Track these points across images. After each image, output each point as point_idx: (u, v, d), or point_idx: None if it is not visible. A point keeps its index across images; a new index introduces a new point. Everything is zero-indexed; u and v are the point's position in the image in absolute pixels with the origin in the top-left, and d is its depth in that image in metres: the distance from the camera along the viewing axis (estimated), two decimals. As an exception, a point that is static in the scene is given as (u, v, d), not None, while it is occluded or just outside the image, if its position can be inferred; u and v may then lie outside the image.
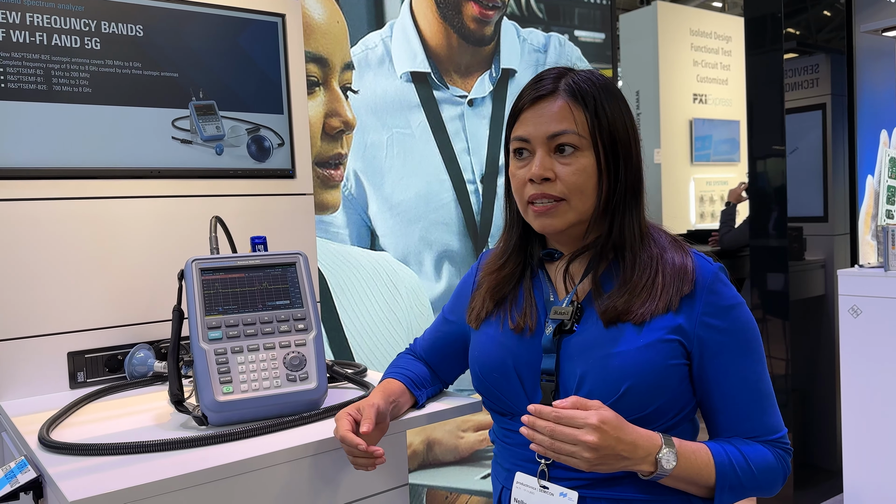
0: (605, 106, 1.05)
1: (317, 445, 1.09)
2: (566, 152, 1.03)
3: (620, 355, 0.99)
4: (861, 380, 2.71)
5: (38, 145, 1.48)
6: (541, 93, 1.06)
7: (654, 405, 1.00)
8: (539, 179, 1.03)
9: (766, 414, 1.05)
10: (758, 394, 1.04)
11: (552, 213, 1.04)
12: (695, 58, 5.65)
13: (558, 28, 2.57)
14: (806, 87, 3.39)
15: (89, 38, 1.53)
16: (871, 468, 2.70)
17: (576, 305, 1.05)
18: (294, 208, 1.83)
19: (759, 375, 1.04)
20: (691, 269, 1.03)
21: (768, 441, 1.04)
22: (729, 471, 0.99)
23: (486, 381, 1.11)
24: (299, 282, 1.26)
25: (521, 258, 1.14)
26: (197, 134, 1.66)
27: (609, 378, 0.99)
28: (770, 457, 1.03)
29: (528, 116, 1.06)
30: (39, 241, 1.48)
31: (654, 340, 1.00)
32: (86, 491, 0.90)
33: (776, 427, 1.05)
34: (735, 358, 1.03)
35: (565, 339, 1.05)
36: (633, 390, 0.98)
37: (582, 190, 1.03)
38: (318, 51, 1.99)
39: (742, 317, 1.04)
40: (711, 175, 5.76)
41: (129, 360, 1.52)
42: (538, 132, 1.04)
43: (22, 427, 1.22)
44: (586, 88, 1.05)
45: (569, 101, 1.04)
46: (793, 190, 3.13)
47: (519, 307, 1.11)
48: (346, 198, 2.08)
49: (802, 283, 3.24)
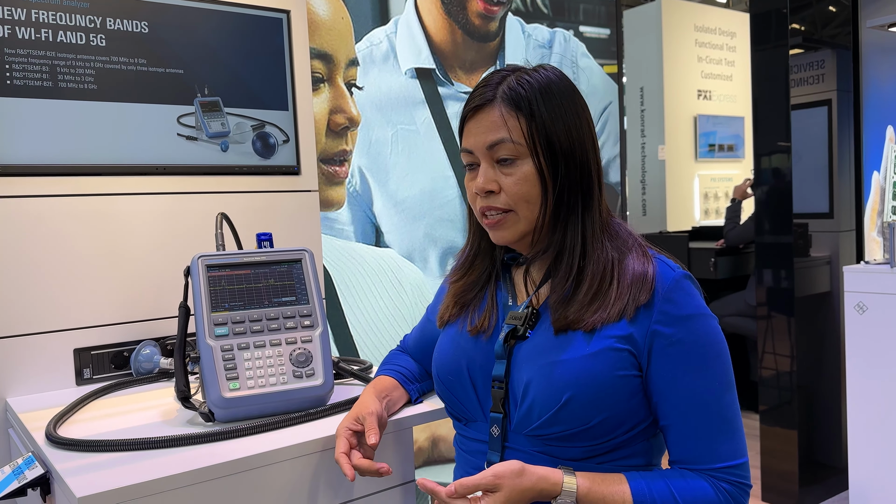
0: (541, 109, 1.00)
1: (323, 442, 1.08)
2: (507, 162, 1.01)
3: (564, 364, 0.95)
4: (867, 376, 2.70)
5: (44, 142, 1.48)
6: (478, 103, 1.03)
7: (599, 417, 0.94)
8: (483, 193, 1.02)
9: (717, 439, 0.95)
10: (709, 415, 0.95)
11: (502, 225, 1.02)
12: (699, 54, 5.63)
13: (563, 24, 2.56)
14: (811, 83, 3.37)
15: (94, 34, 1.53)
16: (877, 465, 2.69)
17: (530, 311, 1.03)
18: (299, 205, 1.83)
19: (716, 396, 0.96)
20: (651, 277, 0.97)
21: (715, 469, 0.95)
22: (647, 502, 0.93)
23: (443, 385, 1.10)
24: (305, 278, 1.26)
25: (489, 261, 1.13)
26: (202, 130, 1.66)
27: (552, 387, 0.95)
28: (709, 493, 0.94)
29: (470, 128, 1.04)
30: (45, 237, 1.48)
31: (601, 349, 0.95)
32: (93, 487, 0.90)
33: (727, 455, 0.95)
34: (686, 372, 0.95)
35: (517, 346, 1.02)
36: (575, 400, 0.94)
37: (527, 199, 1.00)
38: (323, 47, 1.99)
39: (700, 329, 0.96)
40: (716, 171, 5.74)
41: (135, 356, 1.52)
42: (478, 143, 1.02)
43: (29, 423, 1.22)
44: (522, 92, 1.00)
45: (504, 109, 1.00)
46: (798, 186, 3.12)
47: (480, 310, 1.09)
48: (350, 194, 2.07)
49: (808, 279, 3.23)
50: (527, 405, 0.97)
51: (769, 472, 3.21)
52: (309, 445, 1.07)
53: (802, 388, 3.20)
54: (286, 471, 1.06)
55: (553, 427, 0.95)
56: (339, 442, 1.03)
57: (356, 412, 1.08)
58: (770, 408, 3.23)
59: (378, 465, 1.01)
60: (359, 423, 1.05)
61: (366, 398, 1.12)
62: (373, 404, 1.09)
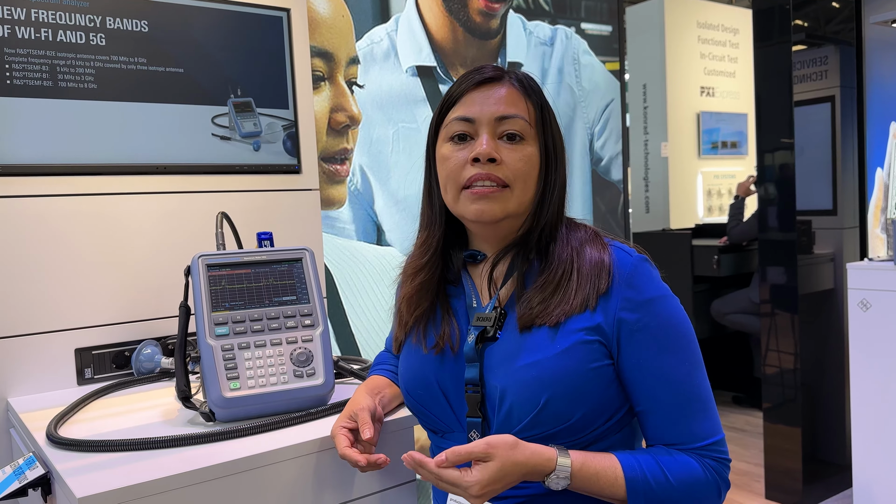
0: (546, 106, 1.04)
1: (324, 441, 1.08)
2: (514, 140, 1.00)
3: (537, 365, 0.94)
4: (870, 374, 2.69)
5: (43, 142, 1.47)
6: (487, 76, 1.02)
7: (579, 413, 0.94)
8: (485, 159, 0.98)
9: (694, 419, 0.95)
10: (682, 396, 0.95)
11: (494, 197, 0.98)
12: (702, 50, 5.61)
13: (565, 21, 2.55)
14: (815, 80, 3.36)
15: (94, 33, 1.53)
16: (881, 462, 2.68)
17: (499, 311, 1.01)
18: (300, 204, 1.82)
19: (686, 376, 0.95)
20: (608, 264, 0.97)
21: (695, 449, 0.95)
22: (642, 486, 0.92)
23: (413, 400, 1.08)
24: (306, 277, 1.26)
25: (440, 263, 1.07)
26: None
27: (528, 391, 0.94)
28: (696, 468, 0.94)
29: (473, 98, 1.01)
30: (45, 237, 1.48)
31: (571, 345, 0.94)
32: (94, 487, 0.90)
33: (705, 433, 0.95)
34: (654, 355, 0.95)
35: (488, 348, 1.00)
36: (553, 401, 0.93)
37: (526, 179, 1.00)
38: (324, 45, 1.98)
39: (664, 311, 0.96)
40: (719, 169, 5.73)
41: (136, 356, 1.52)
42: (485, 112, 1.00)
43: (30, 423, 1.22)
44: (533, 85, 1.04)
45: (518, 90, 1.02)
46: (801, 183, 3.11)
47: (437, 326, 1.06)
48: (351, 193, 2.07)
49: (811, 276, 3.22)
50: (505, 411, 0.96)
51: (773, 469, 3.20)
52: (310, 445, 1.07)
53: (806, 386, 3.19)
54: (287, 470, 1.06)
55: (535, 429, 0.94)
56: (339, 440, 1.02)
57: (349, 410, 1.07)
58: (774, 405, 3.23)
59: (375, 456, 1.00)
60: (352, 421, 1.05)
61: (357, 395, 1.12)
62: (364, 400, 1.09)
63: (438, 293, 1.07)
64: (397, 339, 1.13)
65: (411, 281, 1.09)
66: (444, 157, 1.03)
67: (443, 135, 1.04)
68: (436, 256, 1.07)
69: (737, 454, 3.63)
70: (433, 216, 1.09)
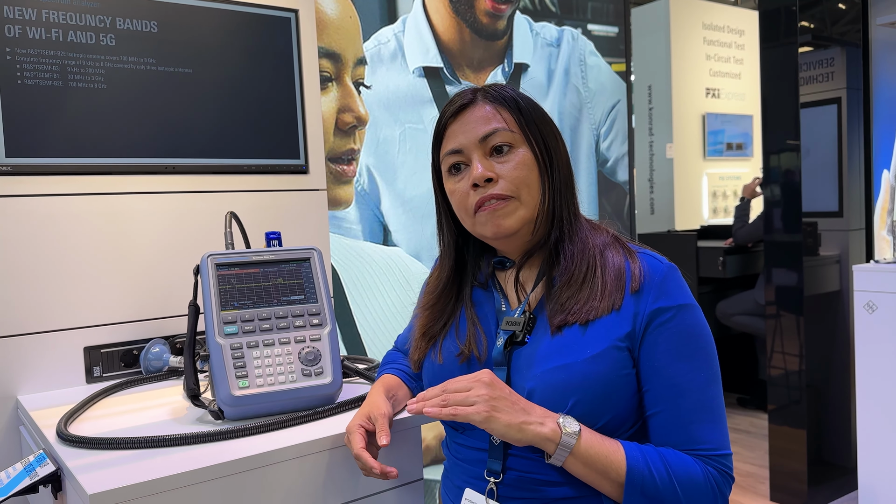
0: (526, 105, 1.06)
1: (332, 440, 1.09)
2: (503, 151, 1.02)
3: (566, 369, 0.95)
4: (876, 376, 2.68)
5: (53, 142, 1.48)
6: (460, 103, 1.05)
7: (605, 419, 0.95)
8: (482, 181, 1.01)
9: (702, 426, 0.94)
10: (693, 403, 0.94)
11: (503, 211, 1.01)
12: (707, 52, 5.60)
13: (571, 22, 2.56)
14: (821, 81, 3.35)
15: (104, 34, 1.54)
16: (887, 465, 2.68)
17: (527, 316, 1.02)
18: (307, 204, 1.83)
19: (701, 385, 0.95)
20: (638, 270, 0.98)
21: (698, 454, 0.94)
22: (643, 468, 0.90)
23: None
24: (314, 277, 1.26)
25: (455, 291, 1.13)
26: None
27: (556, 393, 0.95)
28: (697, 470, 0.92)
29: (455, 129, 1.05)
30: (55, 236, 1.49)
31: (602, 350, 0.95)
32: (104, 484, 0.90)
33: (711, 442, 0.94)
34: (672, 360, 0.95)
35: (516, 351, 1.01)
36: (581, 404, 0.94)
37: (527, 183, 1.02)
38: (331, 46, 1.99)
39: (687, 320, 0.97)
40: (724, 170, 5.72)
41: (144, 354, 1.53)
42: (469, 139, 1.03)
43: (40, 421, 1.23)
44: (504, 93, 1.06)
45: (492, 105, 1.04)
46: (807, 185, 3.11)
47: (462, 335, 1.08)
48: (358, 193, 2.08)
49: (817, 278, 3.22)
50: None
51: (778, 471, 3.20)
52: (318, 444, 1.08)
53: (811, 388, 3.18)
54: (295, 469, 1.06)
55: None
56: (355, 438, 1.02)
57: (367, 411, 1.08)
58: (779, 407, 3.22)
59: (389, 468, 1.00)
60: (370, 423, 1.05)
61: (376, 398, 1.12)
62: (384, 405, 1.09)
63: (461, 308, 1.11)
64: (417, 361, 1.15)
65: (429, 312, 1.14)
66: (450, 191, 1.07)
67: (443, 171, 1.09)
68: (449, 287, 1.13)
69: (741, 456, 3.62)
70: (445, 249, 1.14)
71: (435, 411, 0.91)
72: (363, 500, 1.14)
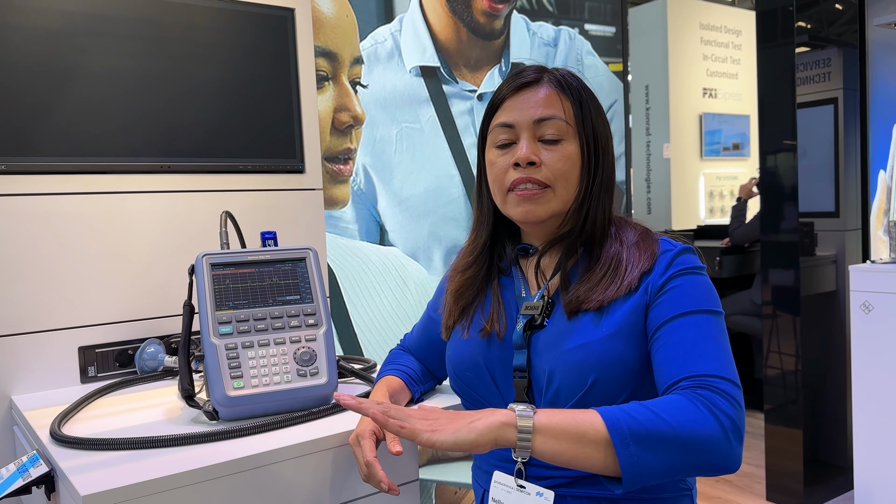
0: (588, 100, 1.06)
1: (328, 441, 1.08)
2: (552, 140, 1.03)
3: (584, 348, 0.97)
4: (872, 376, 2.69)
5: (48, 140, 1.48)
6: (525, 80, 1.05)
7: (624, 395, 0.96)
8: (525, 163, 1.02)
9: (700, 360, 0.90)
10: (693, 344, 0.92)
11: (537, 199, 1.03)
12: (705, 52, 5.61)
13: (568, 22, 2.55)
14: (818, 81, 3.36)
15: (99, 32, 1.53)
16: (883, 465, 2.68)
17: (546, 300, 1.04)
18: (303, 203, 1.82)
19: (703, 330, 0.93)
20: (655, 251, 1.02)
21: (687, 380, 0.88)
22: (620, 414, 0.83)
23: (461, 382, 1.11)
24: (309, 277, 1.26)
25: (487, 260, 1.13)
26: None
27: (576, 371, 0.96)
28: (680, 399, 0.85)
29: (513, 103, 1.05)
30: (50, 235, 1.48)
31: (617, 328, 0.97)
32: (98, 485, 0.90)
33: (705, 369, 0.89)
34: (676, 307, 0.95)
35: (535, 335, 1.03)
36: (601, 381, 0.95)
37: (567, 178, 1.03)
38: (328, 45, 1.98)
39: (691, 280, 0.98)
40: (721, 170, 5.72)
41: (139, 354, 1.52)
42: (524, 117, 1.03)
43: (34, 421, 1.22)
44: (571, 82, 1.06)
45: (555, 90, 1.04)
46: (804, 185, 3.11)
47: (486, 312, 1.09)
48: (355, 193, 2.07)
49: (813, 278, 3.22)
50: (552, 392, 0.98)
51: (774, 471, 3.20)
52: (313, 444, 1.07)
53: (808, 388, 3.19)
54: (290, 470, 1.06)
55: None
56: (367, 445, 1.01)
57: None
58: (775, 407, 3.22)
59: (394, 486, 0.99)
60: (380, 429, 1.04)
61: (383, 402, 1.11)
62: None
63: (489, 284, 1.12)
64: (447, 326, 1.16)
65: (460, 276, 1.14)
66: (490, 162, 1.08)
67: (489, 140, 1.09)
68: (483, 254, 1.13)
69: (738, 456, 3.62)
70: (482, 217, 1.14)
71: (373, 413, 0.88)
72: (359, 500, 1.13)
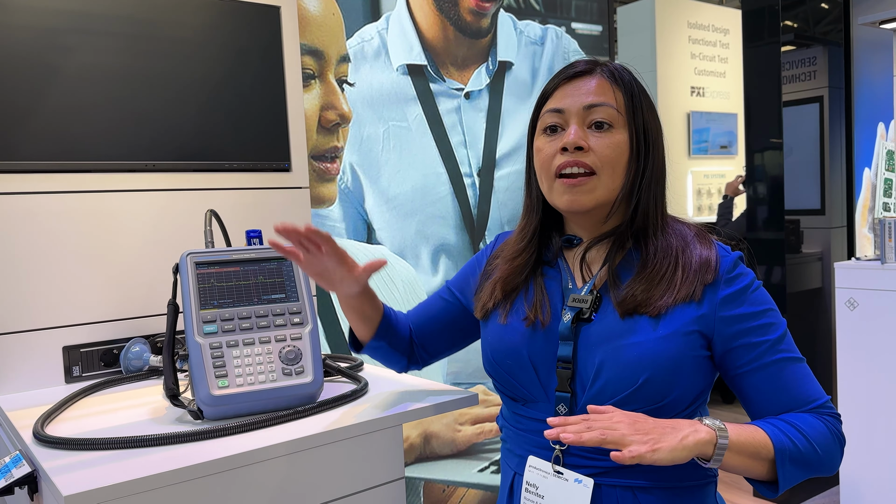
0: (639, 94, 1.07)
1: (313, 439, 1.08)
2: (602, 128, 1.03)
3: (638, 346, 0.98)
4: (857, 372, 2.71)
5: (32, 139, 1.47)
6: (577, 70, 1.07)
7: (671, 396, 0.98)
8: (573, 147, 1.02)
9: (803, 384, 1.01)
10: (788, 368, 1.01)
11: (582, 187, 1.03)
12: (692, 50, 5.63)
13: (555, 20, 2.56)
14: (803, 80, 3.38)
15: (83, 30, 1.52)
16: (868, 461, 2.71)
17: (595, 294, 1.04)
18: (290, 202, 1.82)
19: (787, 349, 1.02)
20: (714, 260, 1.02)
21: (811, 410, 1.00)
22: (784, 439, 0.95)
23: (498, 367, 1.10)
24: (295, 275, 1.26)
25: (536, 248, 1.13)
26: None
27: (628, 368, 0.97)
28: (820, 424, 0.98)
29: (564, 91, 1.06)
30: (34, 234, 1.47)
31: (671, 332, 0.98)
32: (81, 485, 0.90)
33: (817, 395, 1.01)
34: (759, 340, 1.01)
35: (583, 328, 1.03)
36: (651, 381, 0.96)
37: (614, 165, 1.03)
38: (314, 43, 1.98)
39: (759, 297, 1.03)
40: (709, 168, 5.75)
41: (124, 354, 1.51)
42: (575, 103, 1.04)
43: (17, 422, 1.22)
44: (623, 75, 1.07)
45: (607, 80, 1.06)
46: (790, 183, 3.13)
47: (529, 300, 1.09)
48: (342, 191, 2.07)
49: (799, 275, 3.25)
50: (599, 385, 0.99)
51: (761, 467, 3.22)
52: (298, 443, 1.07)
53: (794, 384, 3.20)
54: (275, 469, 1.06)
55: (626, 406, 0.96)
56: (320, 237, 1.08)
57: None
58: (762, 404, 3.24)
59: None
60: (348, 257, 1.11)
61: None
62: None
63: (535, 273, 1.12)
64: (485, 307, 1.15)
65: (510, 263, 1.14)
66: (538, 148, 1.08)
67: (538, 127, 1.09)
68: (533, 242, 1.13)
69: (725, 452, 3.64)
70: (531, 205, 1.14)
71: (573, 438, 0.89)
72: (344, 499, 1.14)
